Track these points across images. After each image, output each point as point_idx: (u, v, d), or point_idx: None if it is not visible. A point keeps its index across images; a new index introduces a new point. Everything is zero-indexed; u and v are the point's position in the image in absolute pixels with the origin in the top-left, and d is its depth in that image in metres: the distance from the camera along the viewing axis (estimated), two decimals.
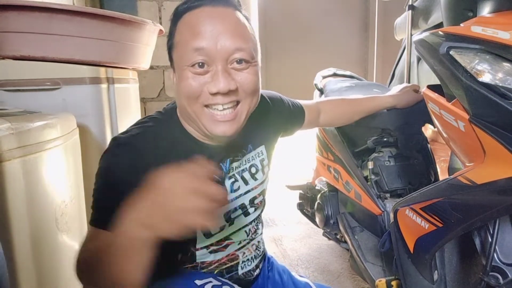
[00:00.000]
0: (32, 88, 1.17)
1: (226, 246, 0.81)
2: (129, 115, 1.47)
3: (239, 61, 0.67)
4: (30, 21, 1.15)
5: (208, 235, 0.76)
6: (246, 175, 0.83)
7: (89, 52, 1.24)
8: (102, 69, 1.27)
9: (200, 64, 0.65)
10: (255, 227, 0.87)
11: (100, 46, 1.25)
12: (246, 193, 0.84)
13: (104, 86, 1.27)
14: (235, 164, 0.81)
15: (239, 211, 0.82)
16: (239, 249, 0.83)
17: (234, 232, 0.82)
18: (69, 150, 0.99)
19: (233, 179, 0.81)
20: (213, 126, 0.68)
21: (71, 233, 0.97)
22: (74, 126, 1.08)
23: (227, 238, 0.80)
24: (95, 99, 1.25)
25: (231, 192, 0.80)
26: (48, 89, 1.18)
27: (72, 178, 1.01)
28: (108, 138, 1.30)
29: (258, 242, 0.89)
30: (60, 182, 0.94)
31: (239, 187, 0.82)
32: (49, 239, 0.86)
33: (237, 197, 0.82)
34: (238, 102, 0.69)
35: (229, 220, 0.80)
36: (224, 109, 0.68)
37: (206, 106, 0.67)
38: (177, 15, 0.69)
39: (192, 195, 0.47)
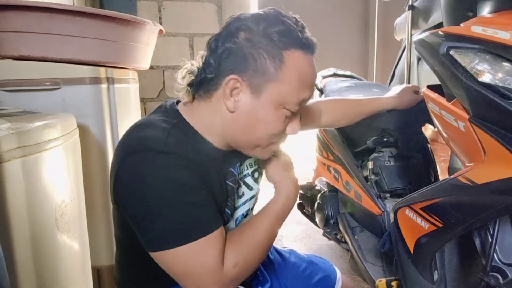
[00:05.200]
0: (32, 88, 1.17)
1: None
2: (129, 115, 1.47)
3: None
4: (30, 21, 1.15)
5: None
6: (249, 180, 0.83)
7: (89, 52, 1.24)
8: (102, 69, 1.27)
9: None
10: None
11: (100, 46, 1.25)
12: (251, 198, 0.83)
13: (104, 86, 1.27)
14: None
15: (243, 215, 0.82)
16: None
17: None
18: (69, 150, 0.99)
19: (237, 185, 0.80)
20: (261, 154, 0.74)
21: (71, 233, 0.97)
22: (74, 126, 1.07)
23: None
24: (95, 99, 1.25)
25: (237, 198, 0.80)
26: (48, 89, 1.18)
27: (72, 178, 1.01)
28: (108, 138, 1.29)
29: None
30: (60, 182, 0.94)
31: (243, 193, 0.81)
32: (49, 239, 0.86)
33: (243, 203, 0.81)
34: None
35: (235, 222, 0.80)
36: None
37: (258, 146, 0.72)
38: (286, 44, 0.66)
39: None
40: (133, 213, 0.66)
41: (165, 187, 0.62)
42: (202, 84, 0.70)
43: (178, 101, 0.77)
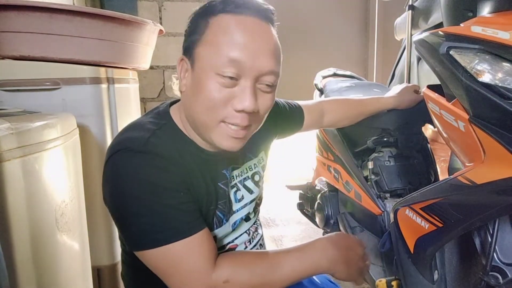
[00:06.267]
0: (32, 88, 1.17)
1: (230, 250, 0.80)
2: (129, 115, 1.47)
3: (268, 84, 0.65)
4: (30, 21, 1.15)
5: None
6: (249, 183, 0.82)
7: (89, 52, 1.24)
8: (102, 69, 1.27)
9: (231, 76, 0.62)
10: (255, 226, 0.87)
11: (100, 46, 1.25)
12: (251, 202, 0.82)
13: (104, 86, 1.27)
14: (235, 172, 0.79)
15: (243, 218, 0.81)
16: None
17: (237, 237, 0.81)
18: (69, 150, 0.99)
19: (235, 188, 0.78)
20: (223, 140, 0.66)
21: (71, 233, 0.97)
22: (74, 126, 1.07)
23: (231, 242, 0.80)
24: (95, 99, 1.25)
25: (236, 202, 0.78)
26: (48, 89, 1.18)
27: (72, 178, 1.01)
28: (108, 138, 1.29)
29: (260, 245, 0.88)
30: (60, 182, 0.94)
31: (242, 196, 0.80)
32: (49, 239, 0.86)
33: (242, 207, 0.80)
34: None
35: (233, 226, 0.79)
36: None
37: (222, 121, 0.65)
38: (212, 11, 0.65)
39: (361, 259, 0.76)
40: (114, 213, 0.67)
41: (140, 188, 0.62)
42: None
43: (173, 103, 0.77)
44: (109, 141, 1.30)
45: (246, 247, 0.82)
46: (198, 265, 0.63)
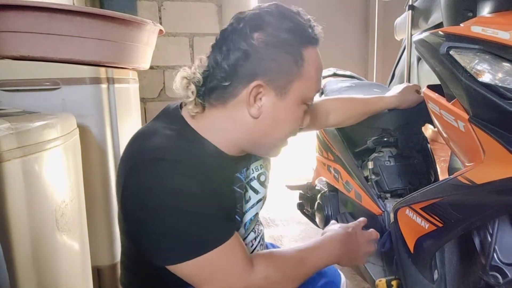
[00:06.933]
0: (31, 88, 1.17)
1: None
2: (129, 115, 1.47)
3: None
4: (30, 21, 1.15)
5: None
6: (255, 184, 0.81)
7: (89, 52, 1.24)
8: (102, 69, 1.27)
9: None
10: (258, 224, 0.87)
11: (100, 46, 1.25)
12: (258, 202, 0.82)
13: (104, 86, 1.27)
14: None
15: (251, 219, 0.81)
16: (252, 251, 0.83)
17: (246, 237, 0.81)
18: (69, 150, 0.99)
19: (244, 190, 0.78)
20: (279, 152, 0.75)
21: (71, 233, 0.97)
22: (74, 126, 1.07)
23: None
24: (95, 99, 1.25)
25: (244, 203, 0.78)
26: (48, 89, 1.18)
27: (72, 178, 1.01)
28: (108, 138, 1.30)
29: (262, 239, 0.89)
30: (60, 182, 0.94)
31: (249, 197, 0.80)
32: (49, 239, 0.86)
33: (251, 207, 0.80)
34: None
35: (245, 227, 0.79)
36: None
37: None
38: (301, 41, 0.66)
39: (367, 243, 0.82)
40: (144, 228, 0.63)
41: (171, 198, 0.60)
42: (213, 92, 0.67)
43: (182, 105, 0.74)
44: (109, 141, 1.30)
45: (252, 244, 0.83)
46: (238, 268, 0.64)
